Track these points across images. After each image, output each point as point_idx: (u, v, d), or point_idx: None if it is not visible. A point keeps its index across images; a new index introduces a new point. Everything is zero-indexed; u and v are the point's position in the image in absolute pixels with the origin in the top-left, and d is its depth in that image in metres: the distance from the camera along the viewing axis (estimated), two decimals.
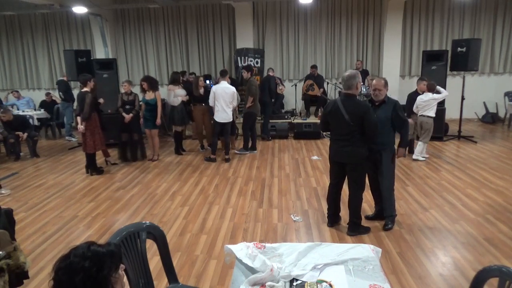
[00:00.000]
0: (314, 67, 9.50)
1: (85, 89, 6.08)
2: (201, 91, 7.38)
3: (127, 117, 6.72)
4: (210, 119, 7.36)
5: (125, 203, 5.06)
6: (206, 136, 7.86)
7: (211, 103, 6.73)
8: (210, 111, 7.17)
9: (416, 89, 6.88)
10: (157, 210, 4.80)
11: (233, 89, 6.72)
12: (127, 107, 6.81)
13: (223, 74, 6.82)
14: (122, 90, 7.02)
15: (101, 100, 6.85)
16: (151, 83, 6.85)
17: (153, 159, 7.09)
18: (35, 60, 11.12)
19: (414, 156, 6.64)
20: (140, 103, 6.94)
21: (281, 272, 1.97)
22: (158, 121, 6.90)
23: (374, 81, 3.99)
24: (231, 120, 6.94)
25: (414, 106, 6.61)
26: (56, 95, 10.40)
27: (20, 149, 7.63)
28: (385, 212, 4.09)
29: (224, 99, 6.62)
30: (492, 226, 4.08)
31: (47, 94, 10.04)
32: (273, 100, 8.83)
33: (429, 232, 3.99)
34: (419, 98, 6.57)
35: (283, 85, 9.66)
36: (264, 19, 10.27)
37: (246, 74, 7.46)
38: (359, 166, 3.81)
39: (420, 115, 6.54)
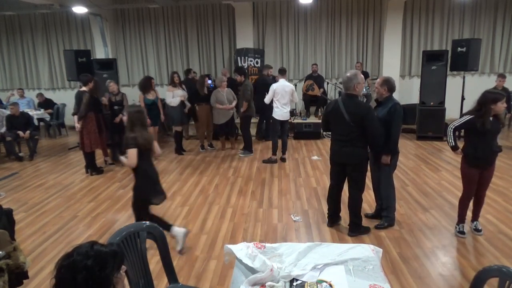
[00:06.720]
0: (315, 64, 9.51)
1: (83, 88, 6.10)
2: (205, 90, 7.40)
3: (117, 118, 6.69)
4: (213, 119, 7.47)
5: (125, 203, 5.05)
6: (208, 136, 7.86)
7: (267, 100, 6.64)
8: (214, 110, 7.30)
9: (495, 86, 7.16)
10: (157, 210, 4.79)
11: (291, 87, 6.58)
12: (115, 107, 6.74)
13: (282, 72, 6.65)
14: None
15: (104, 100, 6.73)
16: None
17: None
18: (35, 60, 11.10)
19: None
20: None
21: (281, 272, 1.96)
22: (162, 116, 7.07)
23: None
24: (289, 118, 6.78)
25: None
26: (56, 95, 10.41)
27: (20, 149, 7.62)
28: (383, 212, 4.11)
29: (283, 97, 6.49)
30: (492, 226, 4.08)
31: (39, 95, 9.93)
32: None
33: (429, 232, 3.99)
34: None
35: None
36: (264, 19, 10.26)
37: (239, 78, 7.28)
38: (360, 167, 3.78)
39: None
